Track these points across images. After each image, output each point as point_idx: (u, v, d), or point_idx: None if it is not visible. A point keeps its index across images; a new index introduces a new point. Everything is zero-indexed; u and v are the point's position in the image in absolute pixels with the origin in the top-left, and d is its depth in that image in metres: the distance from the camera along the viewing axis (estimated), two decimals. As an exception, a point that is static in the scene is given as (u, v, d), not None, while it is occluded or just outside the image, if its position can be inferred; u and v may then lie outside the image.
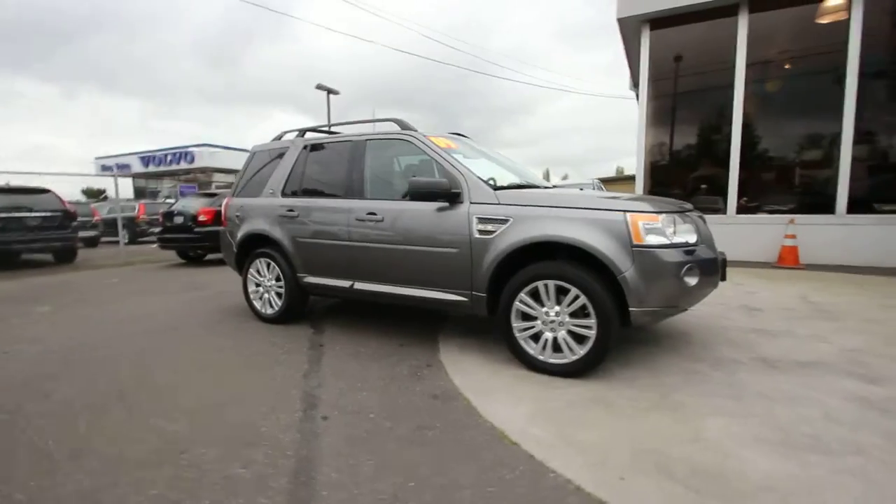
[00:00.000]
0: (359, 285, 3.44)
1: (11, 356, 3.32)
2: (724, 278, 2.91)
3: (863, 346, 3.14)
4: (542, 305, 2.70)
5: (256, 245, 4.07)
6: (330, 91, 22.99)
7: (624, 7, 7.02)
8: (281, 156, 4.06)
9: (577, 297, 2.57)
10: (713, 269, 2.67)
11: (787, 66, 7.06)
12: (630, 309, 2.49)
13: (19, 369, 3.04)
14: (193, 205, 8.20)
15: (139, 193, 27.99)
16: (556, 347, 2.70)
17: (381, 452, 1.95)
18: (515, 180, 3.57)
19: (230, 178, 28.75)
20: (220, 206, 8.07)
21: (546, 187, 3.71)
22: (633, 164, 7.52)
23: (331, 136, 3.99)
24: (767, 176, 7.31)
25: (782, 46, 6.92)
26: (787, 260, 6.26)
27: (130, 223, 13.58)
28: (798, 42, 6.80)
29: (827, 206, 6.35)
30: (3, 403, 2.50)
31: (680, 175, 8.16)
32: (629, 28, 7.40)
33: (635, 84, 10.76)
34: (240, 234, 4.11)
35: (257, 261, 4.03)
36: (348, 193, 3.50)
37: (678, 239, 2.52)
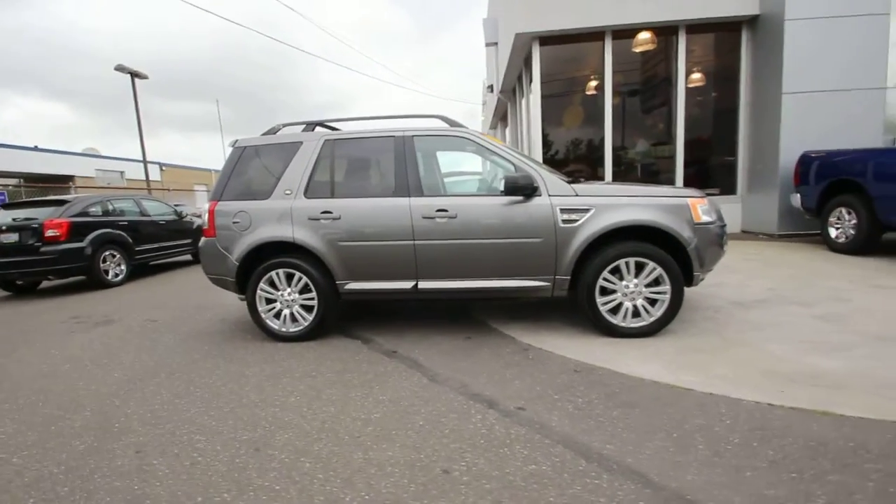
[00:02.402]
0: (424, 284, 3.35)
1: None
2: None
3: (771, 285, 4.51)
4: (622, 279, 3.19)
5: (269, 255, 3.50)
6: (135, 74, 19.17)
7: (521, 24, 7.94)
8: (287, 152, 3.56)
9: (653, 270, 3.13)
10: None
11: (632, 81, 8.99)
12: (694, 273, 3.17)
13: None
14: (34, 216, 6.08)
15: None
16: (633, 314, 3.22)
17: (616, 420, 2.15)
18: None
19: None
20: (73, 216, 6.26)
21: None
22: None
23: (347, 129, 3.69)
24: (621, 168, 9.19)
25: (631, 65, 8.81)
26: (652, 234, 8.14)
27: None
28: (643, 63, 8.76)
29: (670, 192, 8.44)
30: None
31: (555, 167, 9.60)
32: (521, 41, 8.39)
33: (504, 90, 12.09)
34: (245, 245, 3.46)
35: (272, 273, 3.47)
36: (399, 191, 3.35)
37: (714, 216, 3.29)
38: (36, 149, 25.57)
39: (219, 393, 2.69)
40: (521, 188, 3.13)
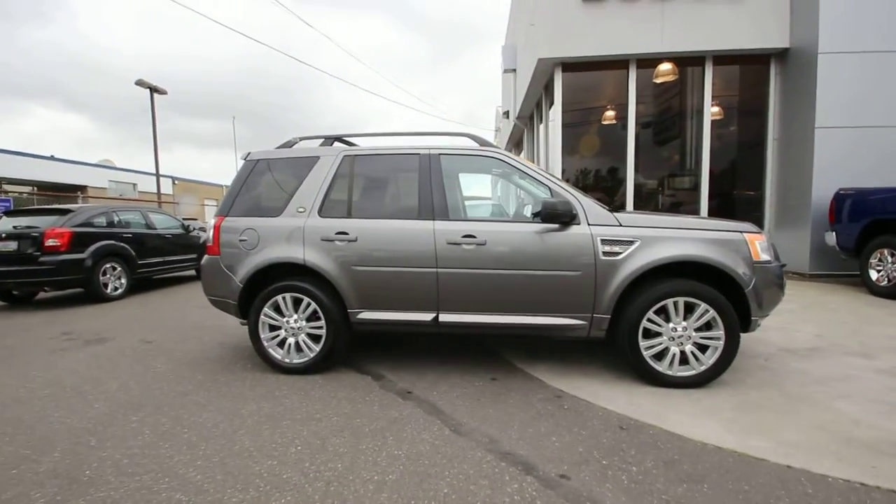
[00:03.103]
0: (446, 317, 3.02)
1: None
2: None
3: (818, 331, 4.12)
4: (669, 321, 2.84)
5: (277, 277, 3.20)
6: (154, 89, 19.43)
7: (544, 50, 7.81)
8: (302, 167, 3.30)
9: (705, 312, 2.78)
10: (783, 278, 3.21)
11: (655, 112, 8.79)
12: (752, 318, 2.81)
13: None
14: (36, 224, 5.86)
15: None
16: (681, 361, 2.86)
17: (684, 500, 1.77)
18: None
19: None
20: (76, 226, 6.03)
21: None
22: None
23: (367, 146, 3.43)
24: (641, 199, 8.89)
25: (655, 95, 8.62)
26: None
27: None
28: (668, 93, 8.58)
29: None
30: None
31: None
32: (543, 67, 8.25)
33: (521, 116, 11.98)
34: (251, 265, 3.17)
35: (279, 297, 3.16)
36: (423, 213, 3.06)
37: (772, 255, 2.96)
38: (52, 158, 25.86)
39: (208, 436, 2.34)
40: (560, 215, 2.83)
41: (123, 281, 6.63)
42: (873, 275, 5.65)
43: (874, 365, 3.22)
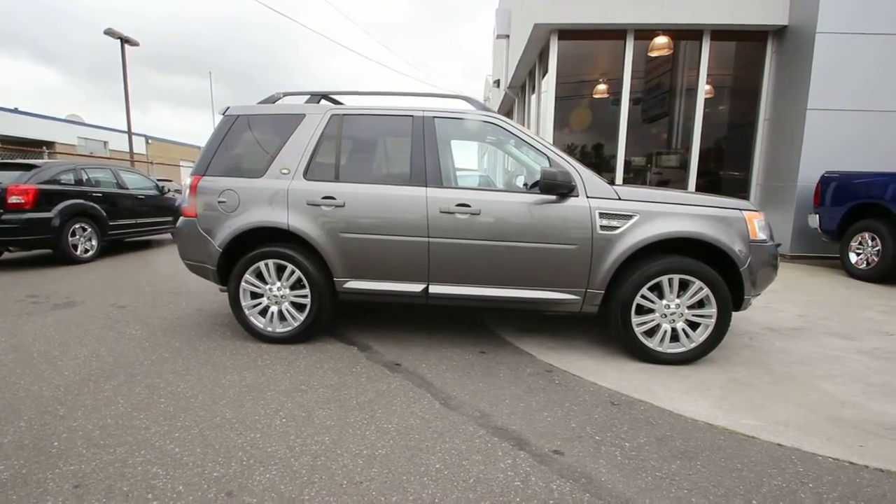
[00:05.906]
0: (436, 289, 2.92)
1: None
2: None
3: (800, 311, 4.19)
4: (662, 298, 2.80)
5: (259, 242, 3.04)
6: (125, 40, 18.25)
7: (541, 15, 7.50)
8: (286, 125, 3.09)
9: (699, 289, 2.75)
10: (777, 258, 3.20)
11: (649, 86, 8.63)
12: (745, 297, 2.79)
13: None
14: (-4, 180, 5.47)
15: None
16: (671, 338, 2.84)
17: (678, 477, 1.76)
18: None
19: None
20: (41, 183, 5.67)
21: None
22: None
23: (355, 105, 3.22)
24: (631, 175, 8.85)
25: (650, 69, 8.45)
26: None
27: None
28: (663, 67, 8.41)
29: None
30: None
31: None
32: (539, 33, 7.95)
33: (512, 85, 11.66)
34: (231, 229, 2.99)
35: (260, 263, 3.01)
36: (416, 179, 2.91)
37: (768, 234, 2.92)
38: (16, 111, 24.36)
39: (187, 406, 2.23)
40: (559, 186, 2.72)
41: (94, 242, 6.33)
42: (853, 258, 5.75)
43: (856, 346, 3.27)
